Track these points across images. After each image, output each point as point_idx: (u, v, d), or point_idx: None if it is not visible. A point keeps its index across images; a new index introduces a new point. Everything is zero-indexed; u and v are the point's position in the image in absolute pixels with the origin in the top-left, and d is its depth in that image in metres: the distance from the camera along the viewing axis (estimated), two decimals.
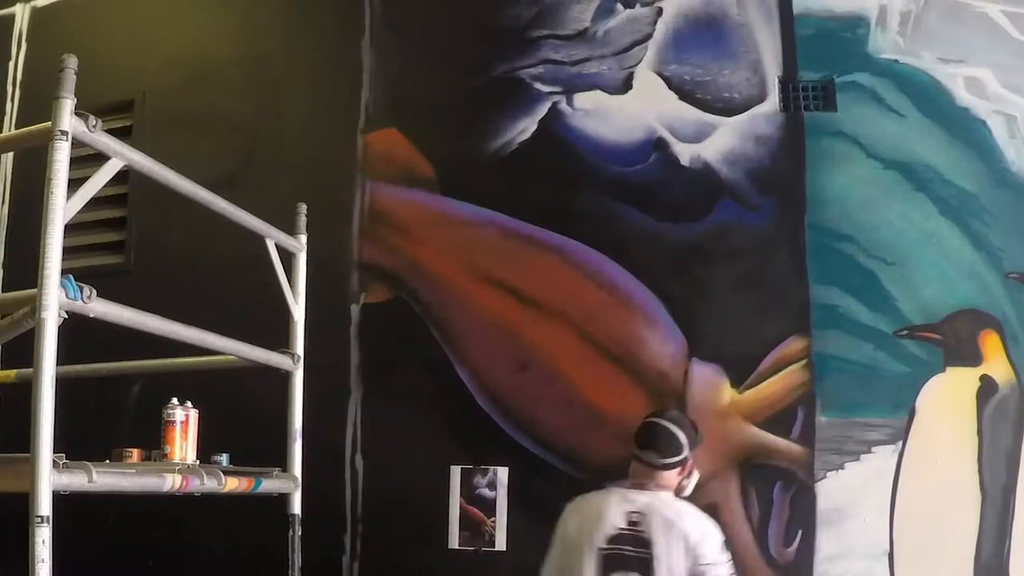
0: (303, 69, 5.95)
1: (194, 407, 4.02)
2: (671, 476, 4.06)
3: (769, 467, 4.98)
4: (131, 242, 5.91)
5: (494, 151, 5.46)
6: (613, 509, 3.97)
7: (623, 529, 3.91)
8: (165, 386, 4.20)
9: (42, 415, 2.90)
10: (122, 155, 3.43)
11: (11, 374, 4.57)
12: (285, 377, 4.60)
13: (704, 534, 3.90)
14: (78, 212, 3.12)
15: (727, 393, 5.06)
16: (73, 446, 3.18)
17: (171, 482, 3.62)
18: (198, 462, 4.00)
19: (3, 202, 6.46)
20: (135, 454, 3.90)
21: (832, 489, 4.90)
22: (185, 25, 6.33)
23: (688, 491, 4.14)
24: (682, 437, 4.07)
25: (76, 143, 3.15)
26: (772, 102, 5.27)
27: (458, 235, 5.42)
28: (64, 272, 3.02)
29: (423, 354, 5.34)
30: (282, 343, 4.59)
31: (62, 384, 2.96)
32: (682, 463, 4.07)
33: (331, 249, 5.31)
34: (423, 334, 5.35)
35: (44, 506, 2.88)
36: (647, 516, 3.91)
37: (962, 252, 5.01)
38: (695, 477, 4.17)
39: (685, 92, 5.35)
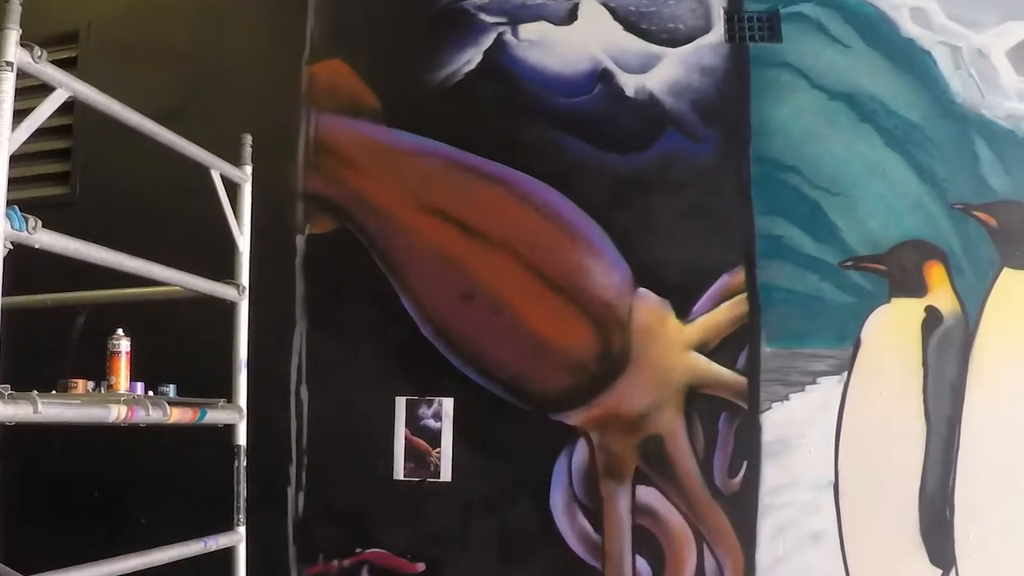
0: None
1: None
2: None
3: (714, 398, 4.70)
4: (76, 173, 5.46)
5: (439, 82, 5.04)
6: None
7: None
8: (110, 317, 3.91)
9: None
10: (67, 86, 3.17)
11: None
12: (230, 308, 4.29)
13: None
14: (23, 143, 2.91)
15: (672, 323, 4.73)
16: (18, 377, 3.03)
17: (116, 413, 3.36)
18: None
19: None
20: (80, 385, 3.66)
21: (777, 420, 4.64)
22: None
23: None
24: None
25: (21, 74, 2.91)
26: (717, 33, 4.88)
27: (403, 166, 5.02)
28: (9, 203, 2.81)
29: (368, 285, 4.96)
30: (227, 274, 4.28)
31: (7, 315, 2.93)
32: None
33: (276, 180, 4.90)
34: (368, 265, 4.97)
35: None
36: None
37: (907, 183, 4.66)
38: None
39: (630, 23, 4.94)
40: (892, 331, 4.59)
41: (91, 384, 3.72)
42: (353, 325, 4.97)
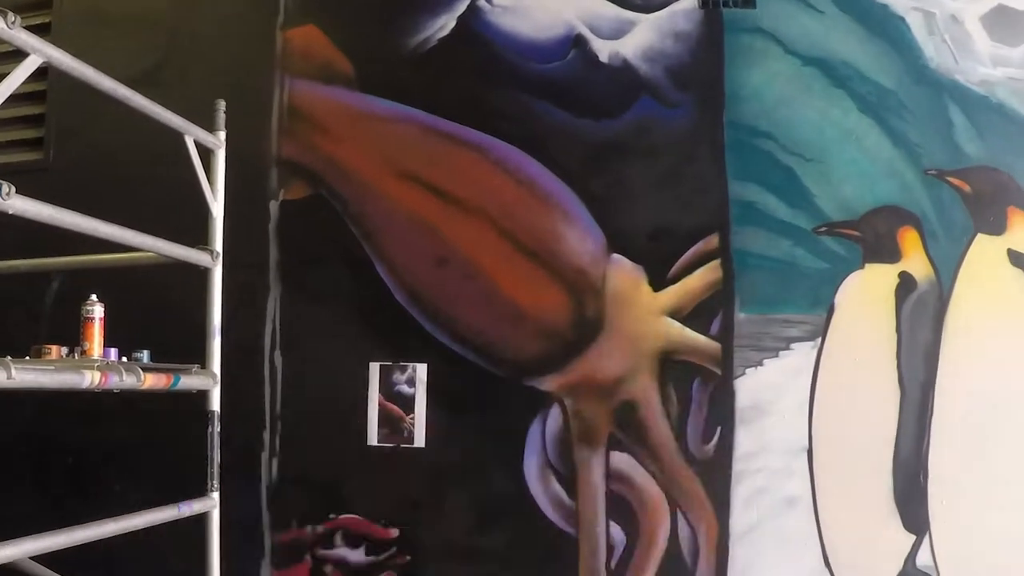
0: None
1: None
2: None
3: (688, 364, 4.58)
4: (50, 139, 5.36)
5: (413, 48, 4.91)
6: None
7: None
8: (84, 283, 3.89)
9: None
10: (41, 52, 3.15)
11: None
12: (204, 274, 4.25)
13: None
14: None
15: (645, 289, 4.62)
16: None
17: (90, 378, 3.36)
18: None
19: None
20: (54, 351, 3.69)
21: (751, 386, 4.53)
22: None
23: None
24: None
25: None
26: None
27: (377, 132, 4.89)
28: None
29: (342, 251, 4.86)
30: (201, 240, 4.22)
31: None
32: None
33: (250, 146, 4.81)
34: (342, 231, 4.87)
35: None
36: None
37: (881, 149, 4.52)
38: None
39: None
40: (866, 297, 4.48)
41: (65, 350, 3.71)
42: (327, 291, 4.87)
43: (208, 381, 4.22)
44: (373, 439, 4.77)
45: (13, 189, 2.87)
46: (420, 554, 4.73)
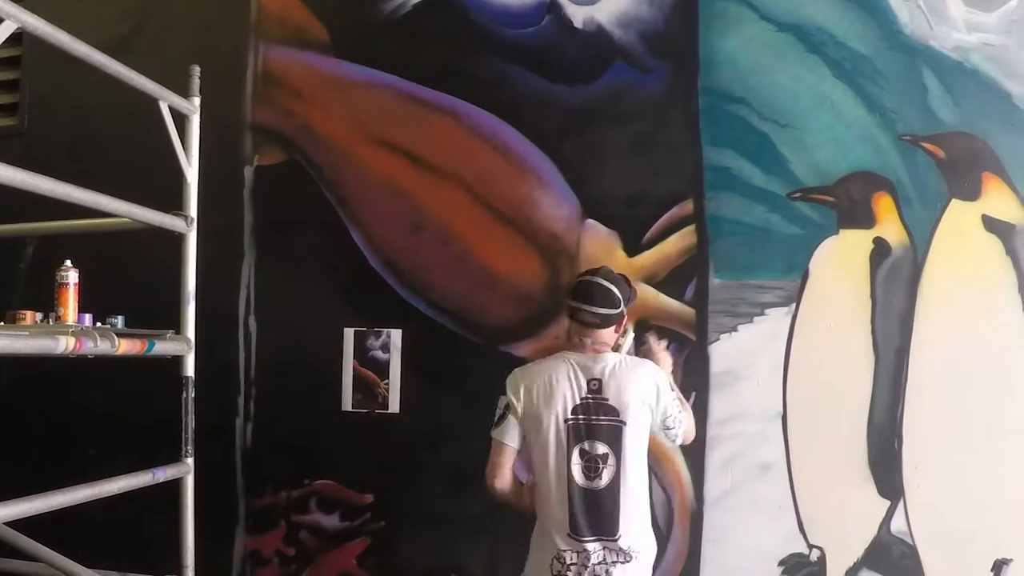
0: None
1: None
2: (608, 334, 3.73)
3: (662, 329, 4.48)
4: (25, 105, 5.27)
5: (387, 13, 4.82)
6: (569, 377, 3.67)
7: (585, 398, 3.64)
8: (59, 249, 3.82)
9: None
10: (16, 17, 3.09)
11: None
12: (178, 239, 4.19)
13: (659, 384, 3.72)
14: None
15: (620, 255, 4.56)
16: None
17: (64, 344, 3.31)
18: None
19: None
20: (28, 316, 3.66)
21: (725, 351, 4.47)
22: None
23: (624, 350, 3.86)
24: (618, 293, 3.70)
25: None
26: None
27: (351, 97, 4.81)
28: None
29: (316, 216, 4.79)
30: (176, 206, 4.17)
31: None
32: (619, 319, 3.73)
33: (224, 111, 4.73)
34: (317, 196, 4.79)
35: None
36: (603, 381, 3.64)
37: (855, 115, 4.42)
38: (630, 335, 3.95)
39: None
40: (840, 262, 4.40)
41: (39, 316, 3.68)
42: (302, 256, 4.81)
43: (183, 346, 4.16)
44: (348, 405, 4.71)
45: None
46: (394, 519, 4.67)
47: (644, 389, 3.65)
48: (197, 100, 4.33)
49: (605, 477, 3.56)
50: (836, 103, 4.45)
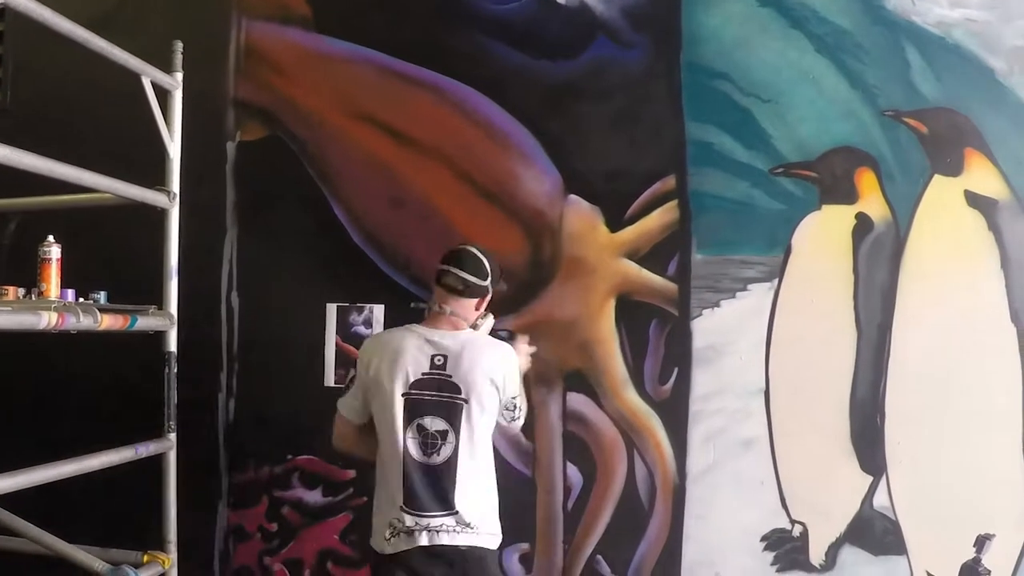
0: None
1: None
2: (469, 306, 3.73)
3: (645, 305, 4.48)
4: (7, 81, 5.20)
5: None
6: (414, 351, 3.60)
7: (428, 373, 3.58)
8: (42, 224, 3.83)
9: None
10: None
11: None
12: (161, 215, 4.20)
13: (511, 365, 3.72)
14: None
15: (602, 230, 4.52)
16: None
17: (47, 319, 3.34)
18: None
19: None
20: (11, 292, 3.62)
21: (707, 327, 4.44)
22: None
23: (481, 331, 3.84)
24: (487, 266, 3.72)
25: None
26: None
27: (334, 73, 4.75)
28: None
29: (299, 192, 4.73)
30: (158, 181, 4.19)
31: None
32: (483, 292, 3.74)
33: (206, 87, 4.67)
34: (299, 172, 4.73)
35: None
36: (451, 358, 3.59)
37: (838, 90, 4.39)
38: (490, 321, 3.92)
39: None
40: (823, 238, 4.37)
41: (22, 291, 3.64)
42: (284, 232, 4.75)
43: (165, 322, 4.16)
44: (330, 380, 4.68)
45: None
46: None
47: (493, 369, 3.60)
48: (180, 76, 4.32)
49: (443, 453, 3.53)
50: (818, 78, 4.41)
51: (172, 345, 4.26)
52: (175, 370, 4.28)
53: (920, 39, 4.37)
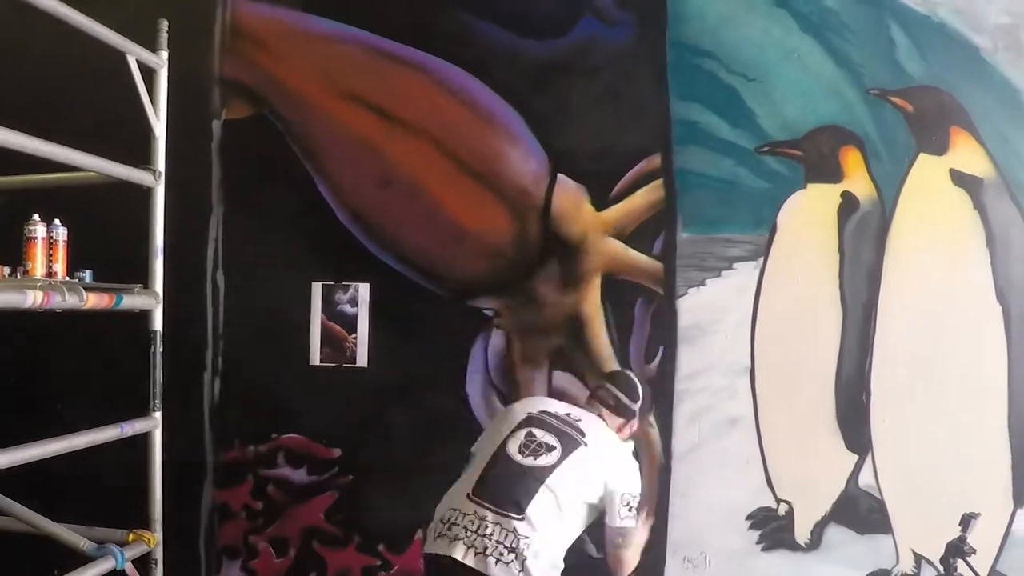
0: None
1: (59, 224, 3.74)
2: (617, 422, 3.78)
3: (630, 283, 4.48)
4: None
5: None
6: (559, 404, 3.72)
7: (558, 413, 3.62)
8: (27, 203, 3.77)
9: None
10: None
11: None
12: (146, 194, 4.13)
13: (625, 475, 3.58)
14: None
15: (588, 209, 4.50)
16: None
17: (32, 298, 3.31)
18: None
19: None
20: None
21: (693, 305, 4.44)
22: None
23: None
24: (641, 391, 3.83)
25: None
26: None
27: (320, 52, 4.71)
28: None
29: (285, 171, 4.69)
30: (144, 160, 4.11)
31: None
32: (633, 413, 3.81)
33: (192, 66, 4.63)
34: (285, 151, 4.70)
35: None
36: (585, 421, 3.60)
37: (823, 68, 4.37)
38: (631, 447, 3.87)
39: None
40: (808, 216, 4.36)
41: (7, 270, 3.59)
42: (270, 211, 4.72)
43: (151, 301, 4.11)
44: (315, 359, 4.66)
45: None
46: (362, 473, 4.63)
47: (609, 457, 3.61)
48: (165, 54, 4.26)
49: (542, 461, 3.38)
50: (804, 57, 4.40)
51: (157, 324, 4.21)
52: (160, 349, 4.23)
53: (905, 18, 4.35)
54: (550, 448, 3.40)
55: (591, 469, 3.42)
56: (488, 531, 3.21)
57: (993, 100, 4.29)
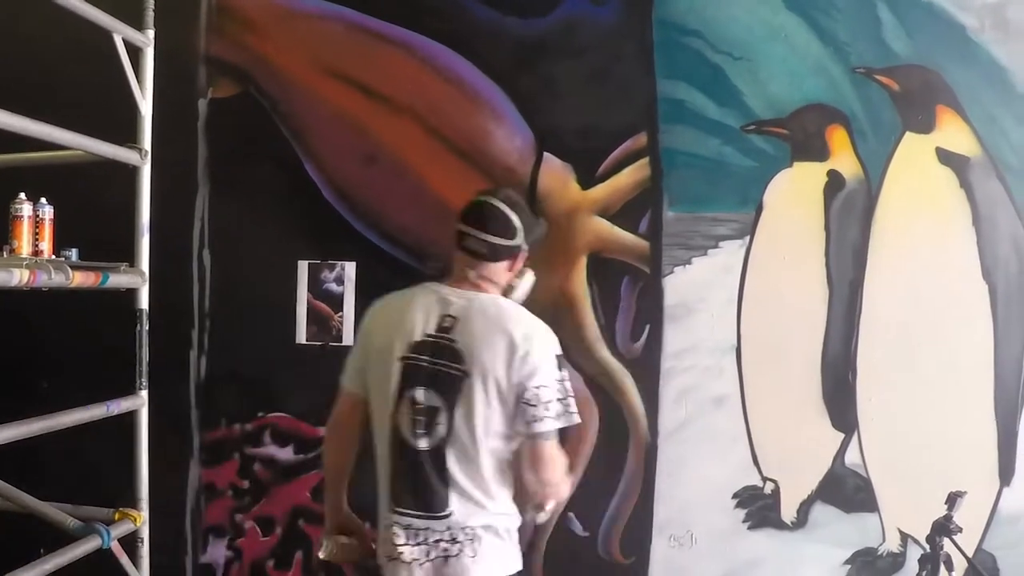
0: None
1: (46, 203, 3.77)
2: (499, 269, 2.99)
3: (616, 262, 4.45)
4: None
5: None
6: (423, 310, 2.90)
7: (431, 335, 2.84)
8: (14, 182, 3.78)
9: None
10: None
11: None
12: (132, 172, 4.18)
13: (536, 341, 2.84)
14: None
15: (574, 187, 4.47)
16: None
17: (19, 277, 3.29)
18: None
19: None
20: None
21: (679, 284, 4.42)
22: None
23: (519, 296, 3.07)
24: (517, 221, 2.96)
25: None
26: None
27: (305, 29, 4.67)
28: None
29: (271, 149, 4.66)
30: (130, 138, 4.16)
31: None
32: (513, 252, 2.99)
33: (178, 44, 4.60)
34: (271, 129, 4.66)
35: None
36: (461, 320, 2.84)
37: (809, 47, 4.34)
38: (529, 279, 3.11)
39: None
40: (794, 195, 4.34)
41: None
42: (256, 189, 4.69)
43: (137, 279, 4.13)
44: (302, 337, 4.63)
45: None
46: None
47: (508, 340, 2.79)
48: (151, 33, 4.27)
49: (432, 437, 2.83)
50: (790, 35, 4.37)
51: (144, 302, 4.23)
52: (147, 327, 4.26)
53: None
54: (435, 412, 2.82)
55: (484, 390, 2.79)
56: (424, 538, 2.84)
57: (979, 79, 4.27)
